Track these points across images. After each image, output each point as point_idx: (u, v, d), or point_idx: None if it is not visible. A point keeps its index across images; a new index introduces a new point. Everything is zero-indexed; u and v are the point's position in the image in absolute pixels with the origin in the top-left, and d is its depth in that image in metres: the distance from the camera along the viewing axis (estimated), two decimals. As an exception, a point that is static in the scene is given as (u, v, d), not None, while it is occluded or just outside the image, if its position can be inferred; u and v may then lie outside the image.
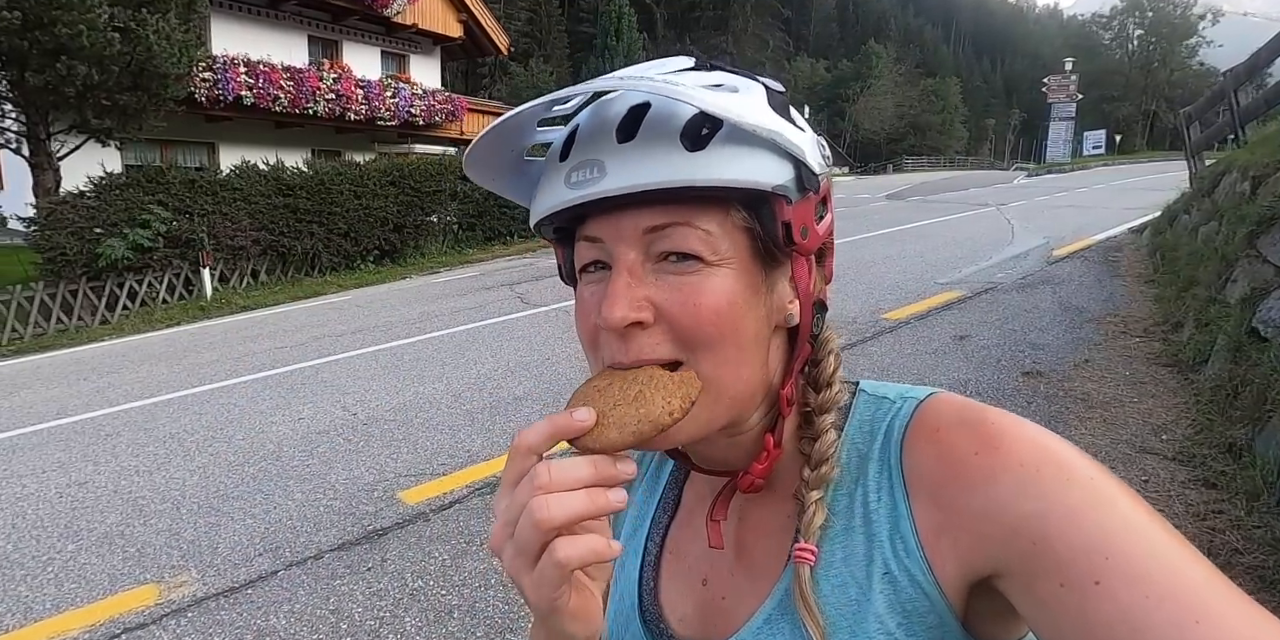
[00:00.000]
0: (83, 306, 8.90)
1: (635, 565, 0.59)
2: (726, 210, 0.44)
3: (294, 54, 15.25)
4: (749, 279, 0.45)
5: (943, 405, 0.47)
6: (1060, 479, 0.39)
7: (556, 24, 46.41)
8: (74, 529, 3.26)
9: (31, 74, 8.47)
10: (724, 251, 0.44)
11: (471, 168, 0.50)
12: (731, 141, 0.43)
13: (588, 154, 0.44)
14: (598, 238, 0.46)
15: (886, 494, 0.46)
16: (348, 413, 4.53)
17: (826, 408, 0.50)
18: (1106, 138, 35.63)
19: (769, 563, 0.50)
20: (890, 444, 0.47)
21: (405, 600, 2.50)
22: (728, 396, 0.45)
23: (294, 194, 10.98)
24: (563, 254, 0.52)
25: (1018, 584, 0.40)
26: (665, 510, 0.60)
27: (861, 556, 0.46)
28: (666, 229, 0.43)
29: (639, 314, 0.43)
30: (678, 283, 0.44)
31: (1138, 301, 5.58)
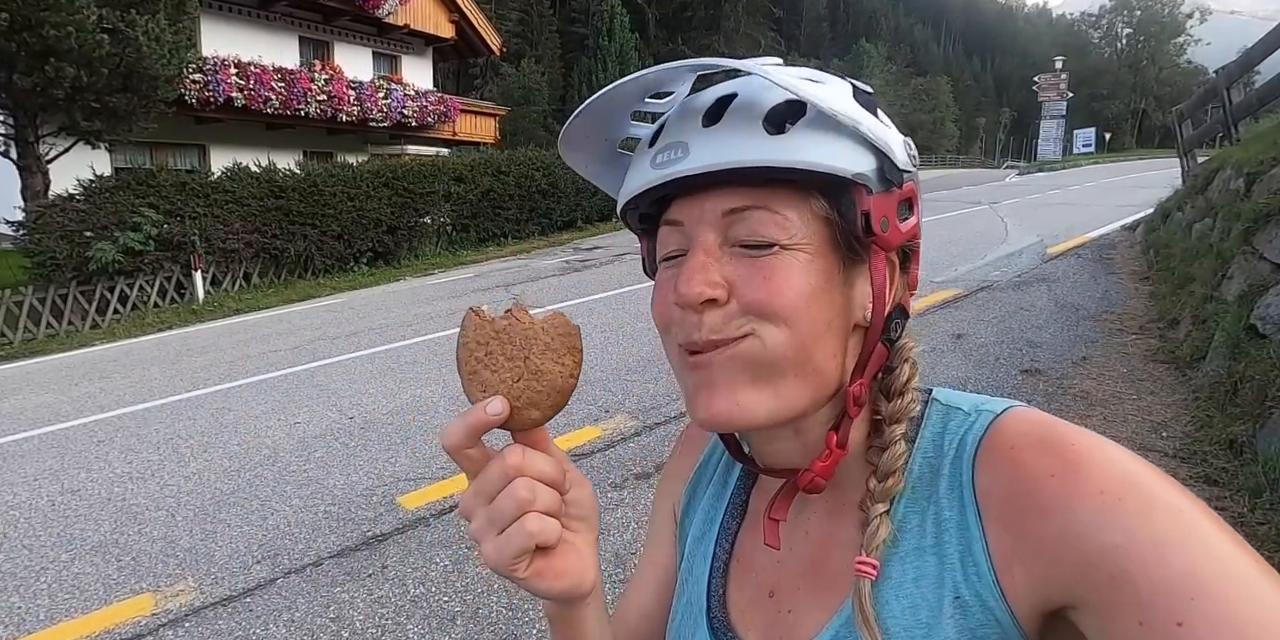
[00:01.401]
0: (73, 311, 8.81)
1: (704, 570, 0.57)
2: (806, 197, 0.45)
3: (285, 55, 15.15)
4: (824, 266, 0.45)
5: (1019, 421, 0.44)
6: (1144, 510, 0.37)
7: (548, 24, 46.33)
8: (67, 538, 3.22)
9: (19, 76, 8.38)
10: (799, 237, 0.44)
11: (566, 149, 0.52)
12: (813, 128, 0.44)
13: (673, 137, 0.46)
14: (679, 221, 0.47)
15: (957, 513, 0.44)
16: (344, 416, 4.49)
17: (898, 417, 0.48)
18: (1096, 136, 35.81)
19: (837, 578, 0.48)
20: (962, 460, 0.45)
21: (407, 607, 2.47)
22: (803, 371, 0.45)
23: (286, 196, 10.91)
24: (646, 246, 0.53)
25: (1094, 618, 0.38)
26: (733, 515, 0.59)
27: (933, 578, 0.44)
28: (745, 212, 0.45)
29: (714, 290, 0.44)
30: (751, 263, 0.45)
31: (1133, 298, 5.59)
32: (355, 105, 15.47)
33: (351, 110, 15.43)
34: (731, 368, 0.44)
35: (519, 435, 0.42)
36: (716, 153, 0.44)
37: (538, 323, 0.43)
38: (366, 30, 17.01)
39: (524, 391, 0.41)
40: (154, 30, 8.99)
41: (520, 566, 0.41)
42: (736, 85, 0.47)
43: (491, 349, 0.42)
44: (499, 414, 0.40)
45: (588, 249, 12.18)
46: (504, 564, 0.41)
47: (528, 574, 0.41)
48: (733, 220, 0.45)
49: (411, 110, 16.73)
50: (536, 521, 0.40)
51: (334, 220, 11.37)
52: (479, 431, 0.40)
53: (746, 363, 0.44)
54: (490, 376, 0.41)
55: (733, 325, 0.44)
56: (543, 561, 0.42)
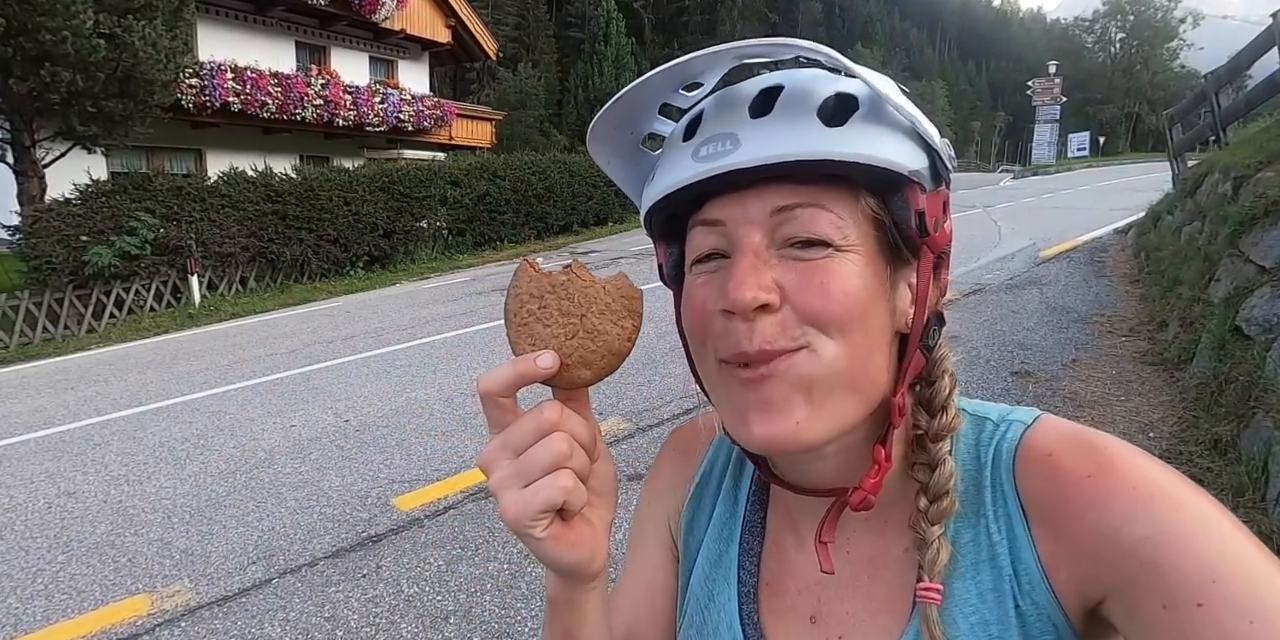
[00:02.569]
0: (69, 315, 8.82)
1: (731, 595, 0.54)
2: (856, 195, 0.43)
3: (281, 60, 15.19)
4: (876, 269, 0.43)
5: (1051, 429, 0.45)
6: (1172, 504, 0.39)
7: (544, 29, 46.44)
8: (63, 540, 3.23)
9: (15, 80, 8.40)
10: (852, 238, 0.42)
11: (592, 143, 0.49)
12: (870, 121, 0.42)
13: (718, 128, 0.43)
14: (719, 220, 0.44)
15: (1005, 524, 0.44)
16: (340, 419, 4.51)
17: (942, 434, 0.46)
18: (1091, 140, 35.99)
19: (892, 600, 0.47)
20: (1001, 470, 0.45)
21: (401, 606, 2.50)
22: (858, 387, 0.43)
23: (283, 200, 10.94)
24: (665, 251, 0.50)
25: (1123, 606, 0.40)
26: (753, 534, 0.55)
27: (993, 591, 0.44)
28: (795, 210, 0.42)
29: (768, 295, 0.41)
30: (804, 266, 0.42)
31: (1124, 301, 5.64)
32: (352, 110, 15.51)
33: (348, 115, 15.47)
34: (787, 384, 0.42)
35: (561, 394, 0.41)
36: (771, 145, 0.41)
37: (599, 282, 0.41)
38: (363, 35, 17.06)
39: (577, 349, 0.40)
40: (151, 35, 9.01)
41: (540, 524, 0.39)
42: (780, 77, 0.44)
43: (546, 302, 0.40)
44: (549, 368, 0.38)
45: (584, 253, 12.23)
46: (525, 518, 0.38)
47: (544, 534, 0.39)
48: (782, 219, 0.42)
49: (408, 115, 16.78)
50: (569, 477, 0.38)
51: (330, 224, 11.40)
52: (522, 382, 0.39)
53: (802, 379, 0.41)
54: (542, 330, 0.40)
55: (787, 335, 0.41)
56: (559, 527, 0.40)
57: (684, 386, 4.53)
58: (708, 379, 0.46)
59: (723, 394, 0.45)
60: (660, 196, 0.45)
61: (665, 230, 0.49)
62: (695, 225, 0.45)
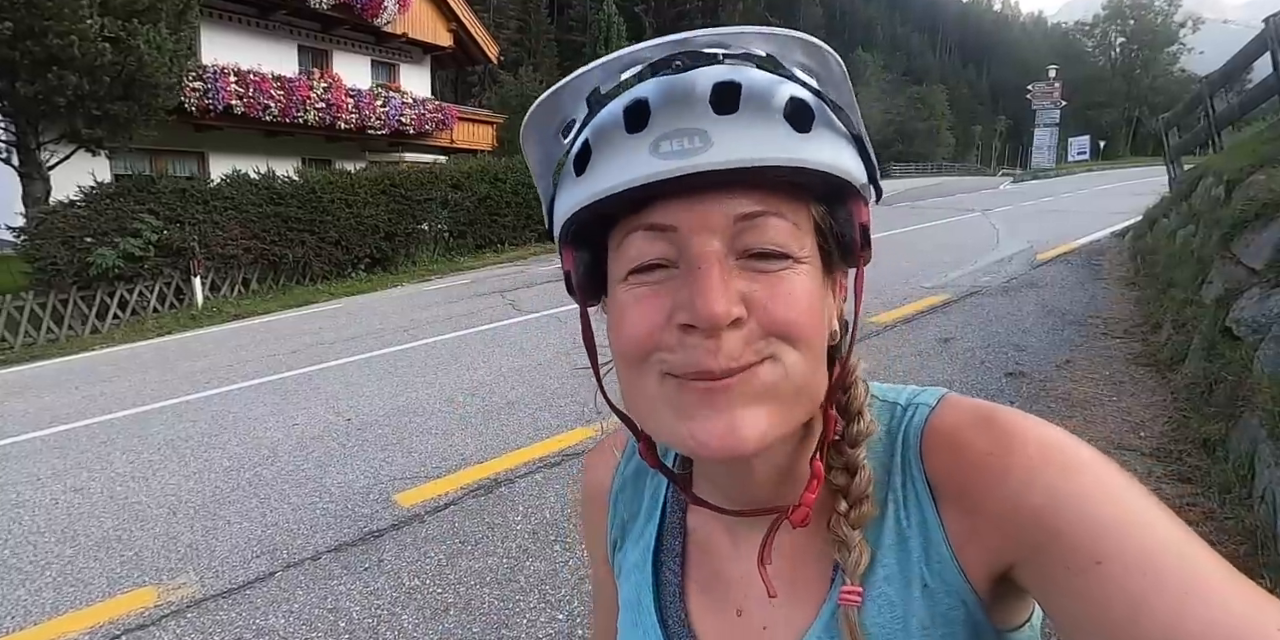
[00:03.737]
0: (73, 316, 8.89)
1: (650, 599, 0.55)
2: (807, 204, 0.42)
3: (284, 63, 15.30)
4: (820, 281, 0.43)
5: (955, 409, 0.46)
6: (1064, 469, 0.40)
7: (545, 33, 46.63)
8: (71, 534, 3.29)
9: (22, 84, 8.49)
10: (807, 248, 0.42)
11: (525, 137, 0.46)
12: (829, 129, 0.42)
13: (680, 123, 0.39)
14: (670, 226, 0.40)
15: (914, 506, 0.45)
16: (342, 418, 4.57)
17: (859, 439, 0.47)
18: (1091, 143, 36.09)
19: (808, 590, 0.48)
20: (909, 453, 0.46)
21: (402, 599, 2.55)
22: (811, 395, 0.43)
23: (285, 203, 11.01)
24: (574, 257, 0.46)
25: (1030, 571, 0.41)
26: (674, 535, 0.56)
27: (899, 573, 0.45)
28: (758, 218, 0.40)
29: (739, 309, 0.39)
30: (767, 279, 0.40)
31: (1119, 304, 5.69)
32: (354, 113, 15.61)
33: (350, 118, 15.56)
34: (749, 395, 0.40)
35: None
36: (745, 146, 0.39)
37: None
38: (365, 39, 17.18)
39: None
40: (155, 39, 9.11)
41: None
42: (729, 72, 0.41)
43: None
44: None
45: (584, 255, 12.27)
46: None
47: None
48: (743, 227, 0.40)
49: (409, 118, 16.87)
50: None
51: (332, 227, 11.47)
52: None
53: (766, 388, 0.41)
54: None
55: (752, 349, 0.40)
56: None
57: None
58: (641, 392, 0.43)
59: (665, 407, 0.42)
60: (605, 195, 0.40)
61: (579, 236, 0.44)
62: (635, 230, 0.41)
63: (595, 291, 0.47)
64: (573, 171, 0.43)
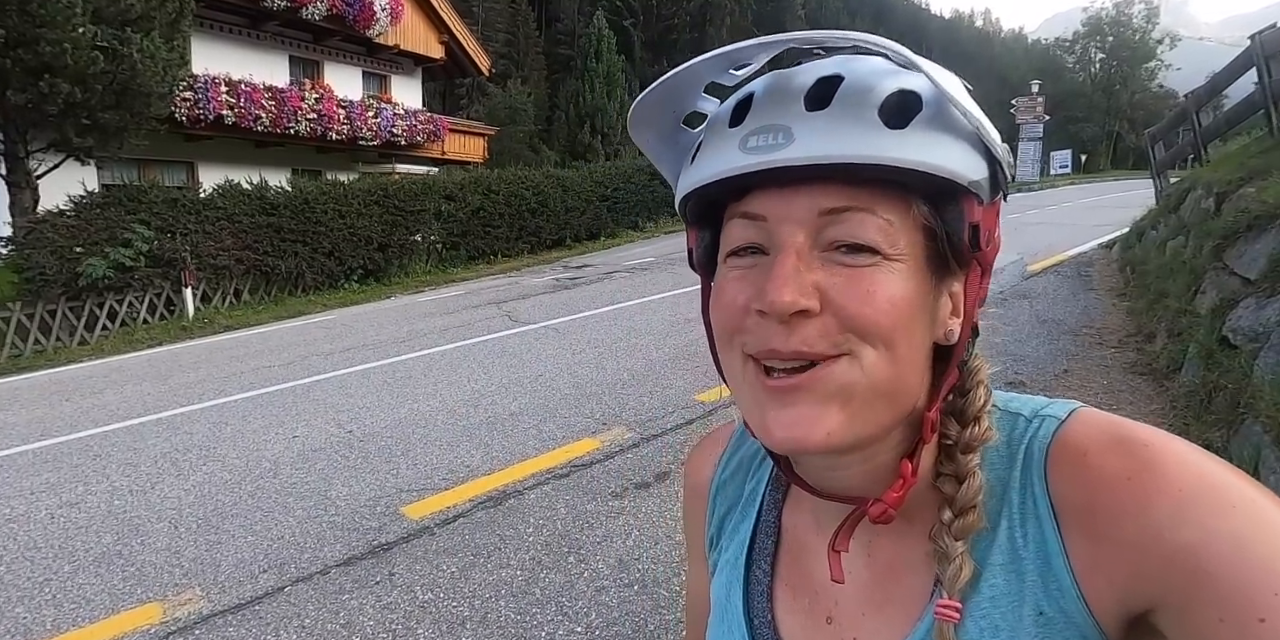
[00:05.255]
0: (61, 327, 8.76)
1: (739, 597, 0.54)
2: (908, 202, 0.41)
3: (276, 74, 15.25)
4: (921, 282, 0.41)
5: (1087, 425, 0.43)
6: (1219, 505, 0.36)
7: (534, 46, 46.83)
8: (69, 550, 3.22)
9: (13, 92, 8.40)
10: (901, 247, 0.40)
11: (633, 121, 0.47)
12: (933, 125, 0.40)
13: (770, 119, 0.41)
14: (761, 216, 0.42)
15: (1034, 526, 0.42)
16: (343, 430, 4.52)
17: (973, 445, 0.44)
18: (1073, 157, 36.62)
19: (906, 603, 0.46)
20: (1031, 470, 0.43)
21: (416, 612, 2.52)
22: (896, 398, 0.42)
23: (278, 213, 10.95)
24: (697, 236, 0.48)
25: (1174, 619, 0.37)
26: (767, 534, 0.55)
27: (1011, 596, 0.42)
28: (845, 213, 0.40)
29: (808, 300, 0.39)
30: (849, 273, 0.40)
31: (1111, 314, 5.77)
32: (345, 124, 15.57)
33: (341, 129, 15.52)
34: (823, 394, 0.40)
35: None
36: (827, 143, 0.39)
37: None
38: (357, 50, 17.17)
39: None
40: (148, 48, 9.05)
41: None
42: (838, 66, 0.42)
43: None
44: None
45: (577, 267, 12.29)
46: None
47: None
48: (830, 221, 0.40)
49: (401, 129, 16.86)
50: None
51: (325, 237, 11.41)
52: None
53: (841, 388, 0.40)
54: None
55: (828, 341, 0.40)
56: None
57: (685, 397, 4.59)
58: (731, 370, 0.45)
59: (747, 392, 0.43)
60: (701, 185, 0.43)
61: (700, 216, 0.47)
62: (735, 216, 0.43)
63: (712, 268, 0.48)
64: (689, 160, 0.46)
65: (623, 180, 16.47)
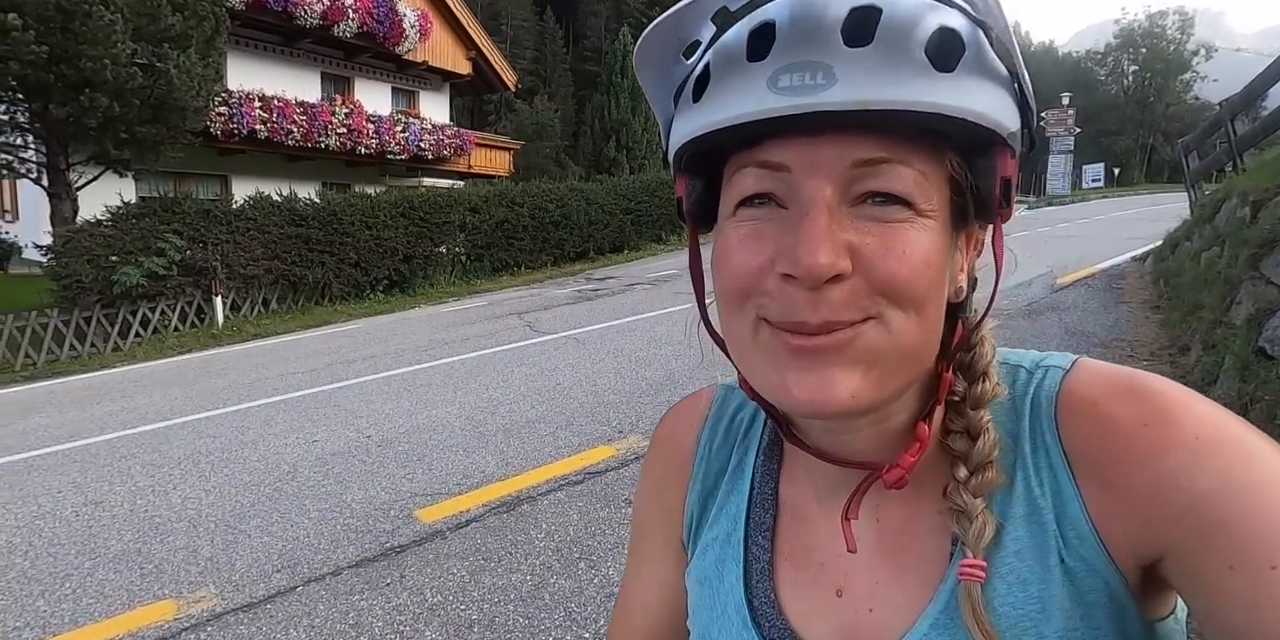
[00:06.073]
0: (96, 333, 8.97)
1: (738, 574, 0.50)
2: (941, 153, 0.38)
3: (307, 90, 15.64)
4: (946, 239, 0.39)
5: (1095, 373, 0.42)
6: (1238, 455, 0.36)
7: (561, 63, 47.52)
8: (90, 547, 3.27)
9: (55, 106, 8.70)
10: (934, 202, 0.38)
11: (639, 63, 0.43)
12: (976, 69, 0.36)
13: (804, 54, 0.35)
14: (784, 165, 0.37)
15: (1048, 476, 0.41)
16: (362, 435, 4.55)
17: (984, 401, 0.43)
18: (1105, 171, 36.04)
19: (923, 568, 0.44)
20: (1041, 420, 0.42)
21: (425, 615, 2.50)
22: (918, 360, 0.40)
23: (306, 224, 11.15)
24: (687, 185, 0.44)
25: (1182, 566, 0.37)
26: (764, 507, 0.51)
27: (1034, 548, 0.41)
28: (879, 165, 0.36)
29: (843, 262, 0.36)
30: (883, 230, 0.37)
31: (1143, 326, 5.62)
32: (374, 138, 15.89)
33: (370, 143, 15.84)
34: (848, 358, 0.38)
35: None
36: (874, 85, 0.34)
37: None
38: (386, 66, 17.55)
39: None
40: (185, 63, 9.34)
41: None
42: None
43: None
44: None
45: (600, 279, 12.32)
46: None
47: None
48: (862, 173, 0.36)
49: (428, 143, 17.16)
50: None
51: (352, 248, 11.59)
52: None
53: (867, 352, 0.38)
54: None
55: (856, 306, 0.37)
56: None
57: (703, 405, 4.54)
58: (736, 331, 0.41)
59: (758, 354, 0.40)
60: (714, 128, 0.38)
61: (695, 163, 0.42)
62: (747, 165, 0.39)
63: (707, 219, 0.44)
64: (690, 97, 0.40)
65: (646, 193, 16.53)
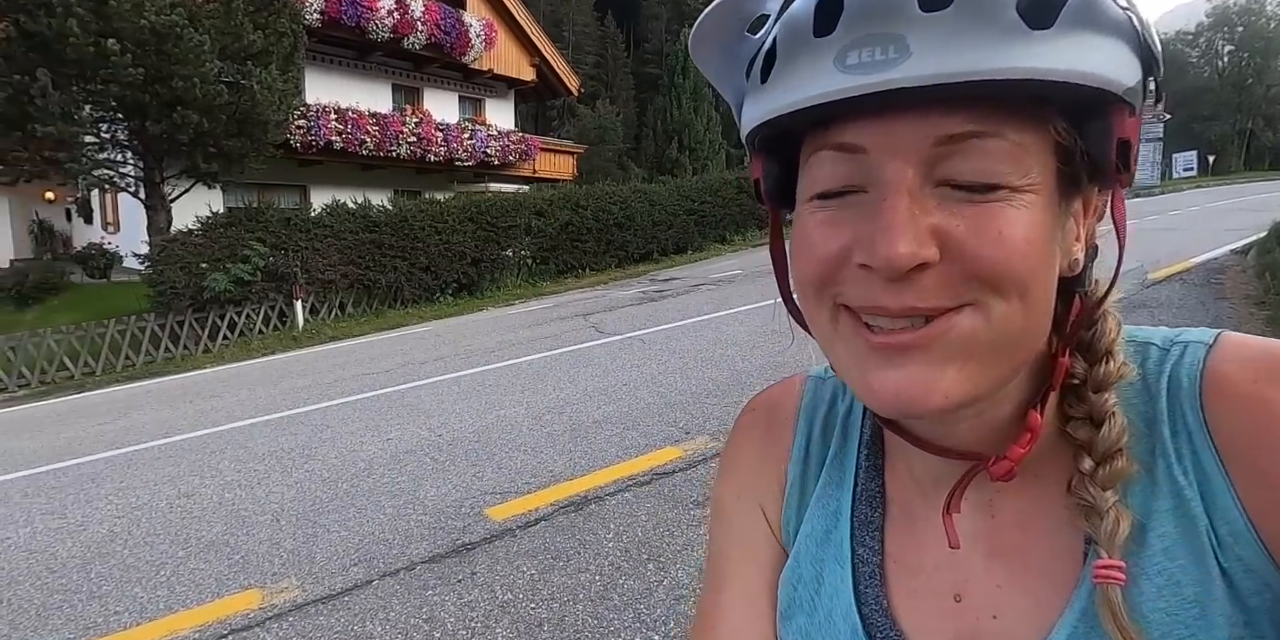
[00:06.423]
0: (188, 336, 9.52)
1: (845, 577, 0.46)
2: (1045, 119, 0.33)
3: (379, 101, 16.22)
4: (1053, 212, 0.35)
5: (1245, 348, 0.37)
6: None
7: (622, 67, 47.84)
8: (183, 537, 3.44)
9: (150, 123, 9.29)
10: (1034, 175, 0.33)
11: (695, 42, 0.39)
12: (1083, 19, 0.31)
13: (876, 26, 0.32)
14: (860, 147, 0.34)
15: (1192, 465, 0.37)
16: (433, 434, 4.66)
17: (1108, 383, 0.38)
18: (1199, 158, 33.87)
19: (1052, 570, 0.40)
20: (1182, 402, 0.38)
21: (495, 612, 2.52)
22: (1023, 348, 0.36)
23: (379, 230, 11.55)
24: (763, 166, 0.40)
25: None
26: (870, 506, 0.47)
27: (1184, 543, 0.36)
28: (968, 141, 0.32)
29: (927, 251, 0.32)
30: (974, 211, 0.33)
31: (1248, 323, 5.23)
32: (442, 146, 16.34)
33: (439, 151, 16.29)
34: (941, 352, 0.34)
35: None
36: (953, 55, 0.30)
37: None
38: (453, 76, 18.03)
39: None
40: (267, 79, 9.82)
41: None
42: None
43: None
44: None
45: (664, 280, 12.30)
46: None
47: None
48: (947, 152, 0.33)
49: (494, 149, 17.53)
50: None
51: (422, 253, 11.94)
52: None
53: (964, 345, 0.34)
54: None
55: (948, 293, 0.33)
56: None
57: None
58: (818, 321, 0.39)
59: (841, 346, 0.38)
60: (781, 113, 0.35)
61: (771, 144, 0.39)
62: (822, 148, 0.36)
63: (786, 200, 0.41)
64: (759, 76, 0.37)
65: (710, 193, 16.44)
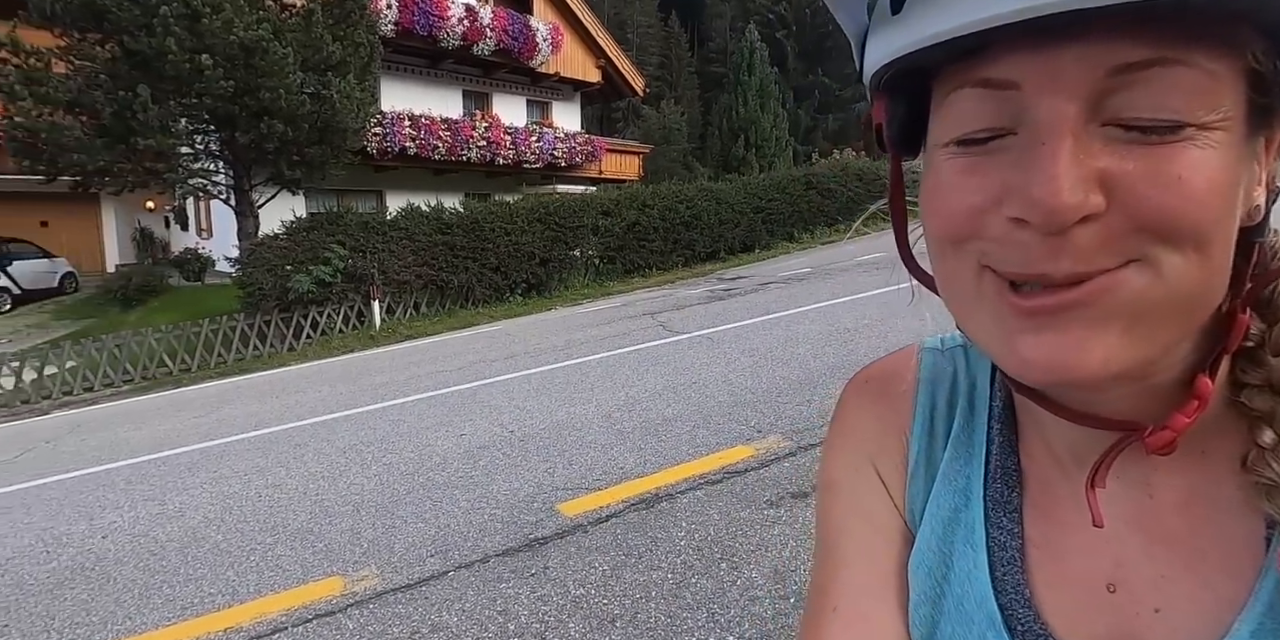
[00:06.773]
0: (274, 335, 9.98)
1: (979, 562, 0.41)
2: (1239, 41, 0.28)
3: (450, 107, 16.67)
4: (1240, 152, 0.29)
5: None
6: None
7: (686, 66, 47.75)
8: (271, 524, 3.59)
9: (240, 133, 9.79)
10: (1225, 108, 0.28)
11: None
12: None
13: None
14: (1012, 82, 0.29)
15: None
16: (505, 430, 4.72)
17: None
18: None
19: (1228, 557, 0.35)
20: None
21: (568, 606, 2.52)
22: (1197, 308, 0.31)
23: (451, 232, 11.84)
24: (887, 107, 0.35)
25: None
26: (1007, 484, 0.42)
27: None
28: (1145, 70, 0.27)
29: (1094, 198, 0.27)
30: (1149, 152, 0.28)
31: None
32: (511, 149, 16.67)
33: (508, 154, 16.63)
34: (1101, 314, 0.29)
35: None
36: None
37: None
38: (521, 80, 18.37)
39: None
40: (345, 89, 10.22)
41: None
42: None
43: None
44: None
45: (731, 279, 12.18)
46: None
47: None
48: (1119, 84, 0.27)
49: (561, 152, 17.77)
50: None
51: (492, 254, 12.18)
52: None
53: (1129, 306, 0.29)
54: None
55: (1113, 249, 0.28)
56: None
57: (845, 406, 4.33)
58: (952, 282, 0.34)
59: (977, 306, 0.33)
60: (922, 46, 0.29)
61: (896, 83, 0.33)
62: (965, 84, 0.30)
63: (912, 145, 0.36)
64: (888, 8, 0.31)
65: (777, 191, 16.18)
